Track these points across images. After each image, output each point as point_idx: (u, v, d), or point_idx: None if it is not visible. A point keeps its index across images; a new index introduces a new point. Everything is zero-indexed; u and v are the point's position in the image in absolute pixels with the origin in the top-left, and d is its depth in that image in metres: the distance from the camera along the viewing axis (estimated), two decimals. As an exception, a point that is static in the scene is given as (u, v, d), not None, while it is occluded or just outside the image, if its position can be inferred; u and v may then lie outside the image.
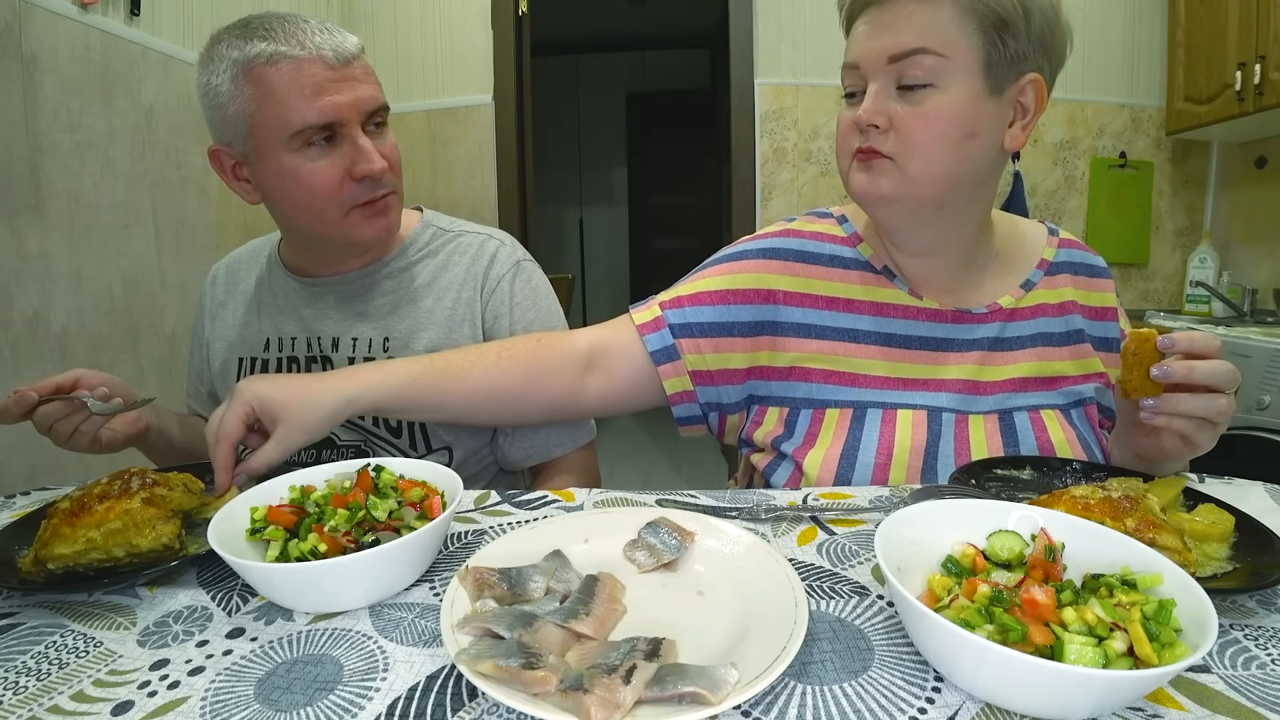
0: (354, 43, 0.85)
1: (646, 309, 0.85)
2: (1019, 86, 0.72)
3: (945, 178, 0.73)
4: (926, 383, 0.80)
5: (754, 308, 0.82)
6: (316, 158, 0.83)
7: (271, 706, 0.40)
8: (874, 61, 0.72)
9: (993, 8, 0.68)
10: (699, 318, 0.82)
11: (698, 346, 0.82)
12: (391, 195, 0.90)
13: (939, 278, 0.83)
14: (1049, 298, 0.84)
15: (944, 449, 0.77)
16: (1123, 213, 2.67)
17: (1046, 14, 0.71)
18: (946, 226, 0.79)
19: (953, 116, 0.70)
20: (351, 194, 0.86)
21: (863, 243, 0.85)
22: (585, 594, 0.48)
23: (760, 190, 2.62)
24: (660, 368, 0.82)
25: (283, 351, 0.96)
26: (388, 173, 0.87)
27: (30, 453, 1.46)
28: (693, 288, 0.84)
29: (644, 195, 5.39)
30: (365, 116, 0.85)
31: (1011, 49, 0.70)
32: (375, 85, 0.87)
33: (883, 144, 0.72)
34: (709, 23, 3.75)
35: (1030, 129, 0.74)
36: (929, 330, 0.82)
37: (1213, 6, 2.28)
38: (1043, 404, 0.80)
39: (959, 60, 0.69)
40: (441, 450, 0.94)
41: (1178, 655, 0.37)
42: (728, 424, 0.87)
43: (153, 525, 0.55)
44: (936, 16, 0.69)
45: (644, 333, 0.82)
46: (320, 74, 0.81)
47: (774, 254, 0.84)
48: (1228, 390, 0.61)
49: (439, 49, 2.65)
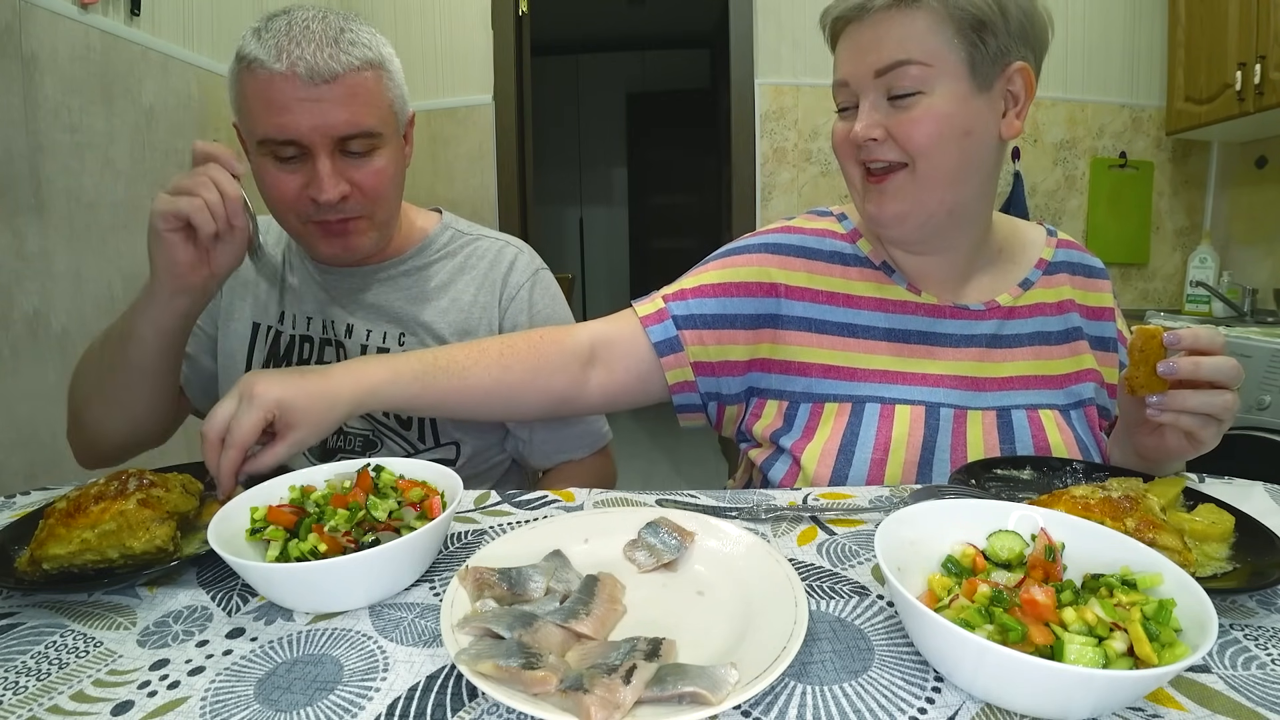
0: (344, 61, 0.78)
1: (650, 302, 0.85)
2: (1006, 77, 0.73)
3: (952, 176, 0.74)
4: (925, 377, 0.80)
5: (756, 300, 0.83)
6: (280, 168, 0.82)
7: (271, 706, 0.40)
8: (861, 77, 0.73)
9: (969, 11, 0.70)
10: (702, 309, 0.82)
11: (700, 338, 0.82)
12: (358, 220, 0.86)
13: (939, 275, 0.84)
14: (1047, 296, 0.85)
15: (941, 443, 0.77)
16: (1123, 213, 2.67)
17: (1022, 6, 0.72)
18: (957, 229, 0.81)
19: (946, 117, 0.71)
20: (307, 210, 0.83)
21: (861, 239, 0.86)
22: (585, 594, 0.48)
23: (760, 190, 2.62)
24: (663, 359, 0.82)
25: (296, 329, 0.97)
26: (350, 200, 0.83)
27: (30, 452, 1.46)
28: (696, 281, 0.85)
29: (644, 195, 5.39)
30: (335, 141, 0.80)
31: (993, 46, 0.71)
32: (356, 108, 0.80)
33: (885, 153, 0.74)
34: (709, 23, 3.75)
35: (1024, 114, 0.75)
36: (928, 325, 0.82)
37: (1213, 6, 2.28)
38: (1041, 403, 0.81)
39: (943, 66, 0.71)
40: (449, 445, 0.94)
41: (1178, 655, 0.37)
42: (726, 415, 0.88)
43: (147, 527, 0.55)
44: (915, 28, 0.70)
45: (647, 324, 0.83)
46: (288, 91, 0.77)
47: (775, 249, 0.85)
48: (1233, 386, 0.61)
49: (439, 49, 2.65)
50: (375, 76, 0.82)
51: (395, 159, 0.87)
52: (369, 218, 0.87)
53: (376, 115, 0.82)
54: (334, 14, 0.82)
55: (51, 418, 1.51)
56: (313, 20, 0.79)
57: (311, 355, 0.96)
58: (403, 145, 0.91)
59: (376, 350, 0.94)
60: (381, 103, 0.83)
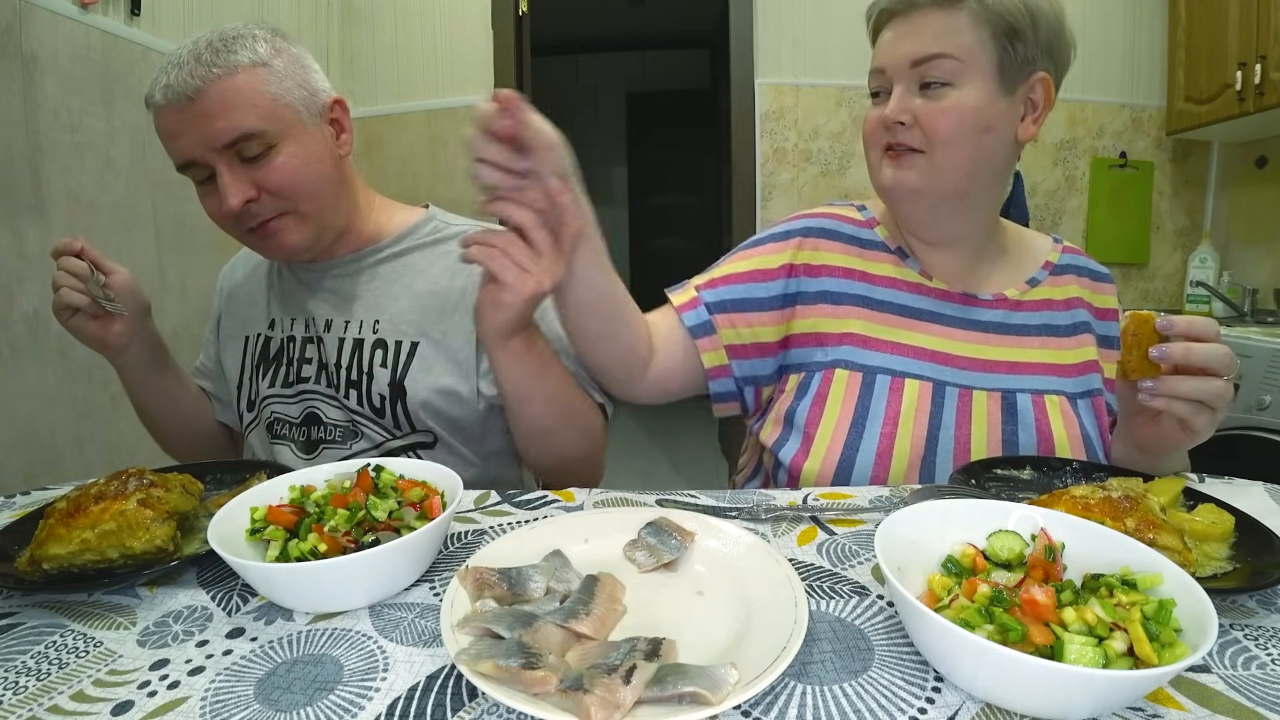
0: (204, 74, 0.78)
1: (683, 291, 0.90)
2: (1029, 85, 0.78)
3: (967, 167, 0.79)
4: (935, 354, 0.83)
5: (780, 282, 0.88)
6: (203, 190, 0.85)
7: (271, 706, 0.40)
8: (899, 65, 0.79)
9: (1004, 17, 0.75)
10: (731, 294, 0.87)
11: (732, 321, 0.87)
12: (280, 219, 0.86)
13: (950, 265, 0.88)
14: (1054, 294, 0.89)
15: (946, 420, 0.80)
16: (1123, 213, 2.67)
17: (1052, 24, 0.78)
18: (965, 217, 0.85)
19: (971, 111, 0.76)
20: (236, 221, 0.85)
21: (879, 225, 0.91)
22: (585, 594, 0.48)
23: (760, 190, 2.62)
24: (698, 341, 0.86)
25: (283, 331, 0.99)
26: (261, 202, 0.84)
27: (30, 452, 1.46)
28: (725, 270, 0.90)
29: (644, 195, 5.39)
30: (224, 151, 0.80)
31: (1021, 53, 0.77)
32: (229, 115, 0.79)
33: (909, 138, 0.79)
34: (709, 23, 3.75)
35: (1041, 122, 0.81)
36: (938, 306, 0.86)
37: (1213, 6, 2.28)
38: (1047, 389, 0.83)
39: (974, 64, 0.76)
40: (425, 432, 0.93)
41: (1178, 655, 0.37)
42: (762, 397, 0.91)
43: (146, 527, 0.55)
44: (954, 25, 0.76)
45: (682, 311, 0.87)
46: (170, 119, 0.80)
47: (798, 233, 0.90)
48: (1225, 374, 0.62)
49: (439, 49, 2.65)
50: (249, 77, 0.81)
51: (303, 151, 0.85)
52: (293, 214, 0.86)
53: (256, 114, 0.81)
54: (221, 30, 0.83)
55: (51, 418, 1.51)
56: (186, 46, 0.81)
57: (296, 355, 0.97)
58: (320, 134, 0.88)
59: (353, 342, 0.94)
60: (261, 101, 0.81)
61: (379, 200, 1.02)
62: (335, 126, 0.91)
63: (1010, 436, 0.80)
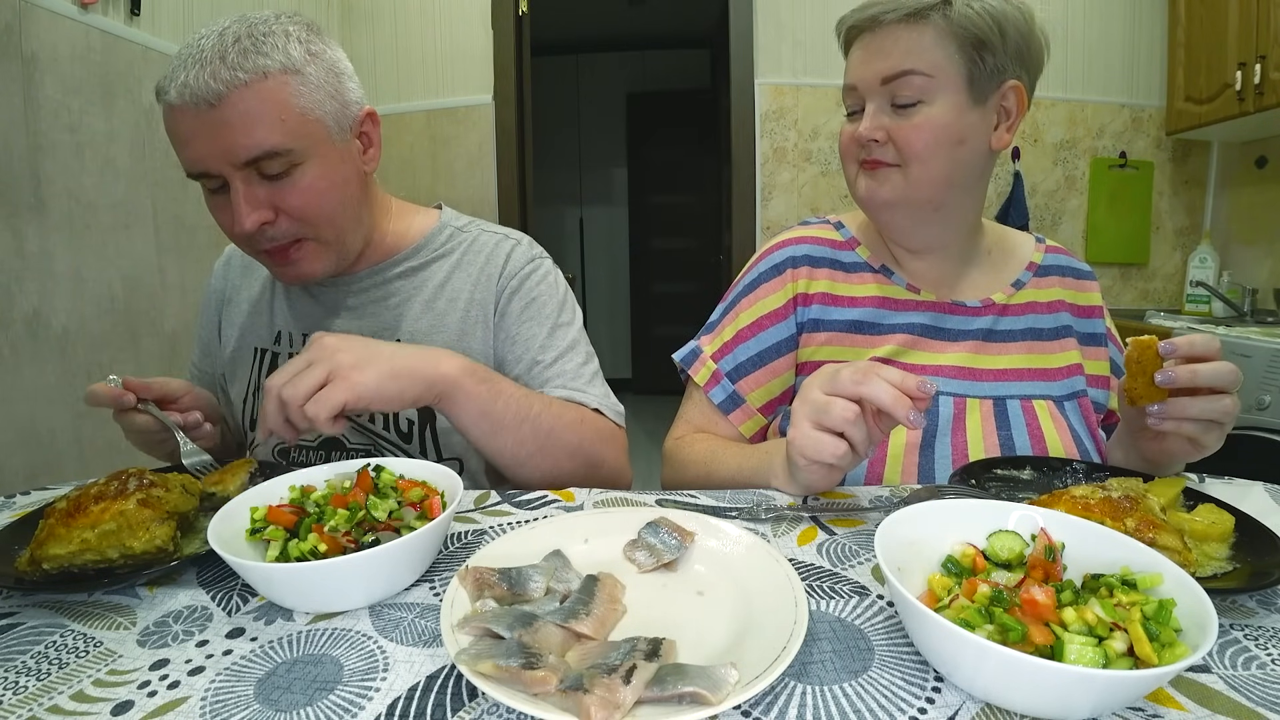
0: (230, 78, 0.70)
1: (702, 367, 0.91)
2: (1001, 93, 0.79)
3: (941, 179, 0.79)
4: (924, 368, 0.84)
5: (791, 319, 0.89)
6: (214, 199, 0.78)
7: (271, 706, 0.40)
8: (870, 83, 0.79)
9: (970, 30, 0.76)
10: (747, 353, 0.89)
11: (756, 381, 0.88)
12: (300, 245, 0.80)
13: (935, 273, 0.88)
14: (1039, 296, 0.90)
15: (942, 429, 0.81)
16: (1123, 213, 2.67)
17: (1021, 30, 0.78)
18: (943, 225, 0.86)
19: (943, 126, 0.77)
20: (248, 241, 0.78)
21: (860, 245, 0.91)
22: (585, 594, 0.48)
23: (760, 190, 2.62)
24: (729, 416, 0.89)
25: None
26: (278, 225, 0.77)
27: (30, 452, 1.46)
28: (732, 329, 0.90)
29: (644, 195, 5.38)
30: (243, 166, 0.73)
31: (990, 64, 0.77)
32: (253, 128, 0.71)
33: (884, 154, 0.80)
34: (709, 23, 3.75)
35: (1014, 129, 0.81)
36: (927, 319, 0.86)
37: (1213, 6, 2.28)
38: (1035, 394, 0.84)
39: (944, 78, 0.76)
40: (452, 460, 0.90)
41: (1178, 655, 0.37)
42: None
43: (146, 527, 0.55)
44: (921, 41, 0.76)
45: (708, 390, 0.89)
46: (184, 122, 0.72)
47: (785, 265, 0.90)
48: (1231, 390, 0.62)
49: (439, 49, 2.65)
50: (279, 86, 0.73)
51: (330, 171, 0.78)
52: (314, 240, 0.80)
53: (283, 130, 0.73)
54: (250, 22, 0.74)
55: (51, 418, 1.51)
56: (210, 37, 0.72)
57: None
58: (349, 151, 0.81)
59: None
60: (289, 115, 0.73)
61: (395, 206, 0.96)
62: (364, 140, 0.84)
63: (1006, 441, 0.80)
